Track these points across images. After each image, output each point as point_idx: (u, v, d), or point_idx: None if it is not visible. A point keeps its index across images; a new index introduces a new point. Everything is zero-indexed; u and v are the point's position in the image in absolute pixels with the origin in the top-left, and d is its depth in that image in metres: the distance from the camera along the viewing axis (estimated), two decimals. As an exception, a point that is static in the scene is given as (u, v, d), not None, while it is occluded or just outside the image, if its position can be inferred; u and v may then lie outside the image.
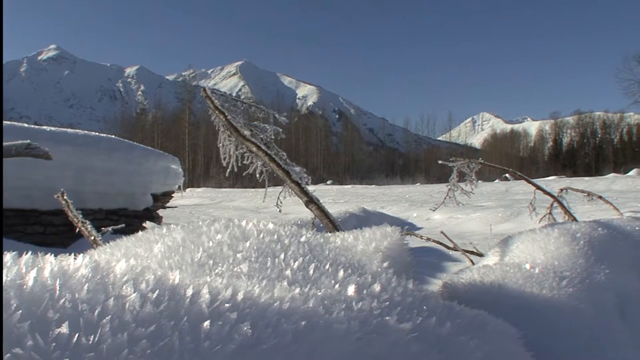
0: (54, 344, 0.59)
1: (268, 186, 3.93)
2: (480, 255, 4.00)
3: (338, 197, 23.65)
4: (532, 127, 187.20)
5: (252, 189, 41.48)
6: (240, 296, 0.87)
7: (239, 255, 1.31)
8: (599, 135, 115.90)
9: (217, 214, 15.57)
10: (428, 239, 5.13)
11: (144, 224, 8.34)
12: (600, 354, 1.67)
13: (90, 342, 0.61)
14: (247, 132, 3.80)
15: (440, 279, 2.51)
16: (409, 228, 9.41)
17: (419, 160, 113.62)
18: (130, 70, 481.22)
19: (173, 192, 9.59)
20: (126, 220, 7.76)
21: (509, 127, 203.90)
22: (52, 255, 0.82)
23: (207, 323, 0.73)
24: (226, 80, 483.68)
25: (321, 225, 3.38)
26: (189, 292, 0.82)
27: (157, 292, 0.78)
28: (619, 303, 2.24)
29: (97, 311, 0.66)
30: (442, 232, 4.61)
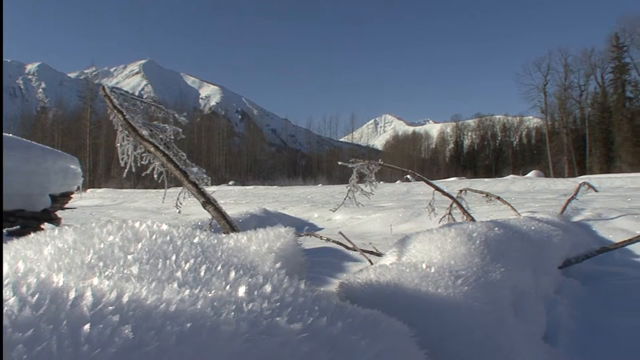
0: None
1: (170, 187, 3.88)
2: (379, 255, 4.08)
3: (240, 198, 23.56)
4: (433, 129, 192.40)
5: (154, 190, 40.82)
6: (125, 298, 0.86)
7: (130, 257, 1.29)
8: (499, 138, 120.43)
9: (118, 215, 15.21)
10: (328, 240, 5.19)
11: (42, 226, 8.06)
12: (495, 350, 1.73)
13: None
14: (145, 132, 3.74)
15: (340, 279, 2.55)
16: (309, 229, 9.48)
17: (321, 161, 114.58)
18: (31, 67, 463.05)
19: (72, 193, 9.30)
20: (24, 221, 7.55)
21: (411, 129, 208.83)
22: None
23: (87, 326, 0.73)
24: (129, 79, 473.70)
25: (219, 226, 3.37)
26: (72, 295, 0.81)
27: (37, 295, 0.77)
28: (514, 300, 2.34)
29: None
30: (340, 233, 4.66)
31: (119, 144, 3.84)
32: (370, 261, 4.34)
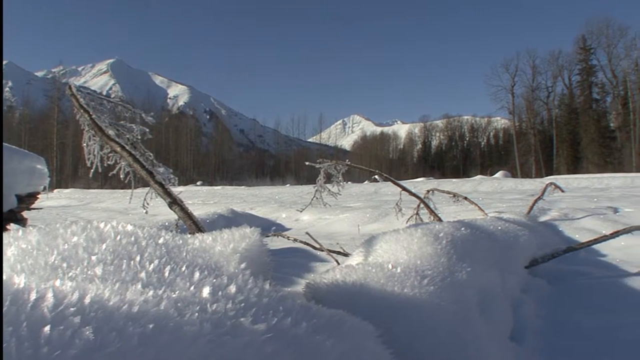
0: None
1: (137, 187, 3.85)
2: (346, 255, 4.10)
3: (208, 198, 23.46)
4: (401, 129, 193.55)
5: (121, 190, 40.49)
6: (87, 300, 0.86)
7: (94, 257, 1.28)
8: (467, 139, 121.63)
9: (85, 216, 15.03)
10: (295, 240, 5.19)
11: (7, 227, 7.94)
12: (461, 349, 1.75)
13: None
14: (112, 132, 3.71)
15: (307, 279, 2.56)
16: (277, 229, 9.48)
17: (289, 162, 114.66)
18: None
19: (39, 193, 9.14)
20: (-12, 222, 7.40)
21: (379, 129, 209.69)
22: None
23: (47, 328, 0.72)
24: (97, 78, 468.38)
25: (185, 226, 3.35)
26: (33, 296, 0.81)
27: (-4, 297, 0.76)
28: (481, 300, 2.37)
29: None
30: (307, 233, 4.67)
31: (85, 144, 3.81)
32: (337, 261, 4.36)
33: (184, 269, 1.27)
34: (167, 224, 7.43)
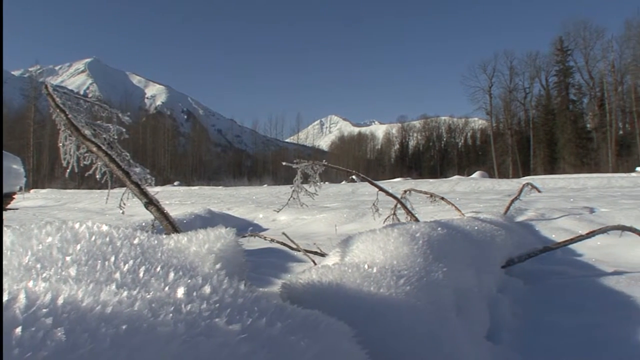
0: None
1: (114, 187, 3.83)
2: (323, 255, 4.10)
3: (185, 199, 23.37)
4: (379, 130, 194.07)
5: (98, 190, 40.22)
6: (60, 301, 0.86)
7: (68, 258, 1.28)
8: (445, 139, 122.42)
9: (62, 216, 14.89)
10: (272, 240, 5.20)
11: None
12: (437, 349, 1.76)
13: None
14: (88, 132, 3.69)
15: (283, 279, 2.56)
16: (254, 229, 9.47)
17: (266, 162, 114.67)
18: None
19: (15, 194, 9.07)
20: (-36, 223, 7.29)
21: (356, 129, 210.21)
22: None
23: (19, 329, 0.72)
24: (74, 77, 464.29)
25: (161, 227, 3.34)
26: (5, 297, 0.80)
27: (-33, 299, 0.76)
28: (457, 299, 2.38)
29: None
30: (283, 234, 4.67)
31: (61, 144, 3.78)
32: (314, 261, 4.36)
33: (158, 269, 1.27)
34: (143, 224, 7.40)
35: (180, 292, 1.09)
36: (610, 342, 2.74)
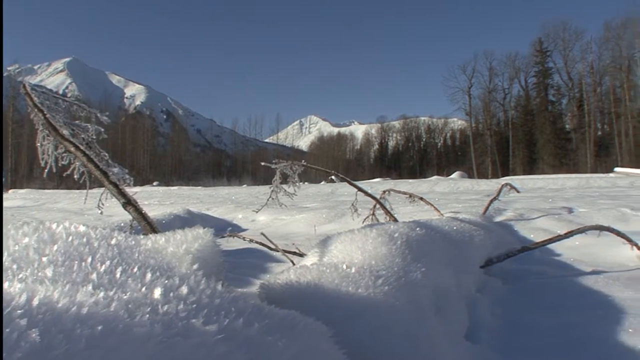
0: None
1: (93, 187, 3.80)
2: (302, 255, 4.11)
3: (164, 199, 23.24)
4: (359, 130, 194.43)
5: (77, 190, 39.88)
6: (35, 302, 0.86)
7: (45, 259, 1.27)
8: (424, 139, 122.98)
9: (40, 216, 14.73)
10: (251, 241, 5.20)
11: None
12: (415, 349, 1.77)
13: None
14: (66, 132, 3.67)
15: (262, 279, 2.56)
16: (233, 229, 9.45)
17: (246, 162, 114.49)
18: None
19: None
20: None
21: (336, 130, 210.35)
22: None
23: (-7, 331, 0.71)
24: (53, 77, 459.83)
25: (140, 227, 3.33)
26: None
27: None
28: (436, 299, 2.39)
29: None
30: (262, 234, 4.67)
31: (39, 144, 3.76)
32: (292, 262, 4.37)
33: (135, 270, 1.27)
34: (122, 224, 7.37)
35: (157, 292, 1.09)
36: (589, 342, 2.76)
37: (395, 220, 5.66)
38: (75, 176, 3.67)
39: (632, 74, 63.54)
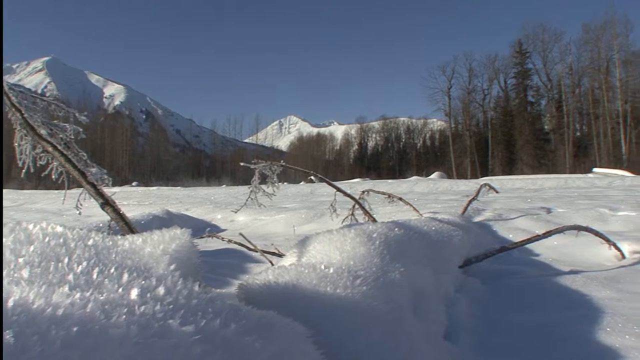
0: None
1: (71, 188, 3.78)
2: (281, 256, 4.11)
3: (143, 199, 23.09)
4: (338, 130, 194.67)
5: (56, 191, 39.47)
6: (10, 303, 0.85)
7: (21, 260, 1.27)
8: (403, 140, 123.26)
9: (18, 217, 14.57)
10: (230, 241, 5.18)
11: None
12: (394, 349, 1.77)
13: None
14: (44, 131, 3.64)
15: (241, 280, 2.56)
16: (212, 230, 9.40)
17: (225, 162, 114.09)
18: None
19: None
20: None
21: (315, 130, 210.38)
22: None
23: (-35, 333, 0.71)
24: (32, 76, 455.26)
25: (118, 228, 3.31)
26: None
27: None
28: (414, 299, 2.41)
29: None
30: (240, 234, 4.67)
31: (17, 144, 3.74)
32: (271, 262, 4.37)
33: (112, 270, 1.27)
34: (100, 225, 7.32)
35: (134, 293, 1.09)
36: (568, 341, 2.79)
37: (374, 220, 5.67)
38: (53, 176, 3.65)
39: (611, 76, 64.18)
